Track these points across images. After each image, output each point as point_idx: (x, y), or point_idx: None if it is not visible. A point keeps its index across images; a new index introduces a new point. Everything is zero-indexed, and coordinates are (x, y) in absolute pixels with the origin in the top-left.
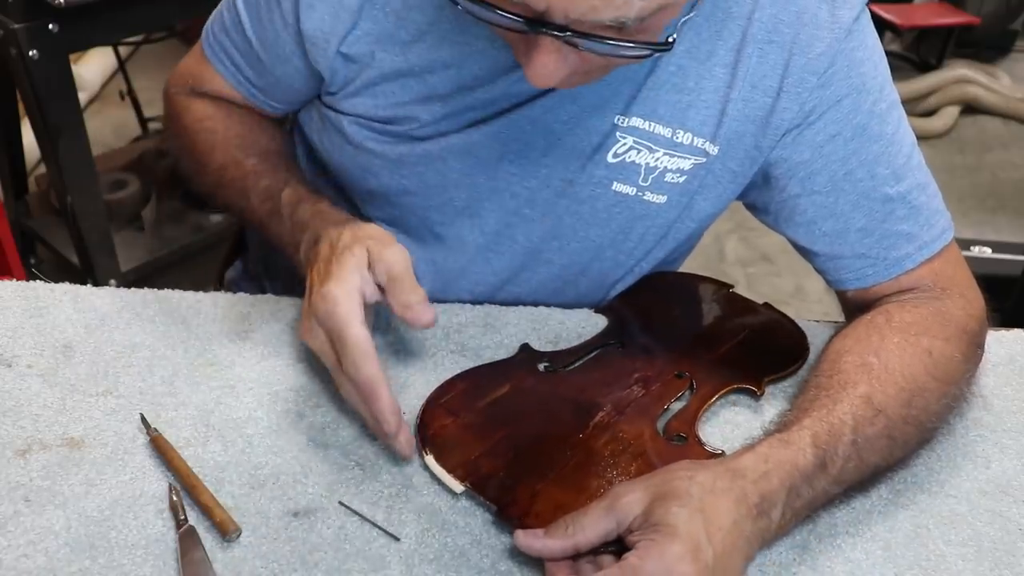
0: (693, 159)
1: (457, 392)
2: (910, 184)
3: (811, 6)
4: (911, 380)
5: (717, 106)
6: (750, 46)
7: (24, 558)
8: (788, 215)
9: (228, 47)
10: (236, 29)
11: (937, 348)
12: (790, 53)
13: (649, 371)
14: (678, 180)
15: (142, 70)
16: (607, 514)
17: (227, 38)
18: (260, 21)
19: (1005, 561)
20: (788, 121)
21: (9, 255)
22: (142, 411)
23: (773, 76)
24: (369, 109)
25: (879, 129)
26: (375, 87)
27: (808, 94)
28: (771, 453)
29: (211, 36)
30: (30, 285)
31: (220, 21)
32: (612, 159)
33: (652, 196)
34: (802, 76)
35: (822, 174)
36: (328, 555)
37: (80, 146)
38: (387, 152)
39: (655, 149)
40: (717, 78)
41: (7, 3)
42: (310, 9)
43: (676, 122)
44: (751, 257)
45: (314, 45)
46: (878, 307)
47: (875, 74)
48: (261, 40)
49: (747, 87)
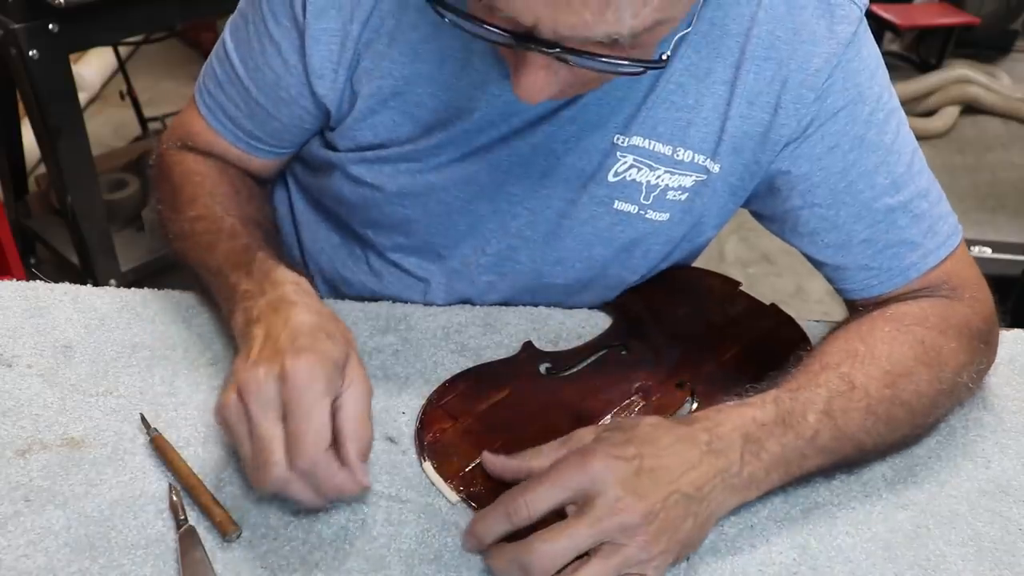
0: (694, 176)
1: (458, 393)
2: (911, 192)
3: (809, 22)
4: (897, 364)
5: (716, 123)
6: (748, 63)
7: (24, 558)
8: (792, 226)
9: (223, 102)
10: (231, 81)
11: (930, 338)
12: (787, 69)
13: (650, 380)
14: (680, 197)
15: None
16: (561, 445)
17: (222, 92)
18: (258, 69)
19: (1005, 561)
20: (786, 136)
21: (9, 255)
22: (142, 411)
23: (770, 92)
24: (367, 138)
25: (877, 139)
26: (374, 116)
27: (805, 109)
28: (724, 408)
29: (205, 92)
30: (30, 285)
31: (213, 76)
32: (613, 178)
33: (654, 214)
34: (800, 92)
35: (822, 187)
36: (328, 555)
37: (80, 146)
38: (387, 185)
39: (656, 167)
40: (716, 95)
41: (7, 3)
42: (316, 43)
43: (676, 140)
44: (751, 257)
45: (321, 78)
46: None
47: (872, 83)
48: (260, 87)
49: (744, 104)
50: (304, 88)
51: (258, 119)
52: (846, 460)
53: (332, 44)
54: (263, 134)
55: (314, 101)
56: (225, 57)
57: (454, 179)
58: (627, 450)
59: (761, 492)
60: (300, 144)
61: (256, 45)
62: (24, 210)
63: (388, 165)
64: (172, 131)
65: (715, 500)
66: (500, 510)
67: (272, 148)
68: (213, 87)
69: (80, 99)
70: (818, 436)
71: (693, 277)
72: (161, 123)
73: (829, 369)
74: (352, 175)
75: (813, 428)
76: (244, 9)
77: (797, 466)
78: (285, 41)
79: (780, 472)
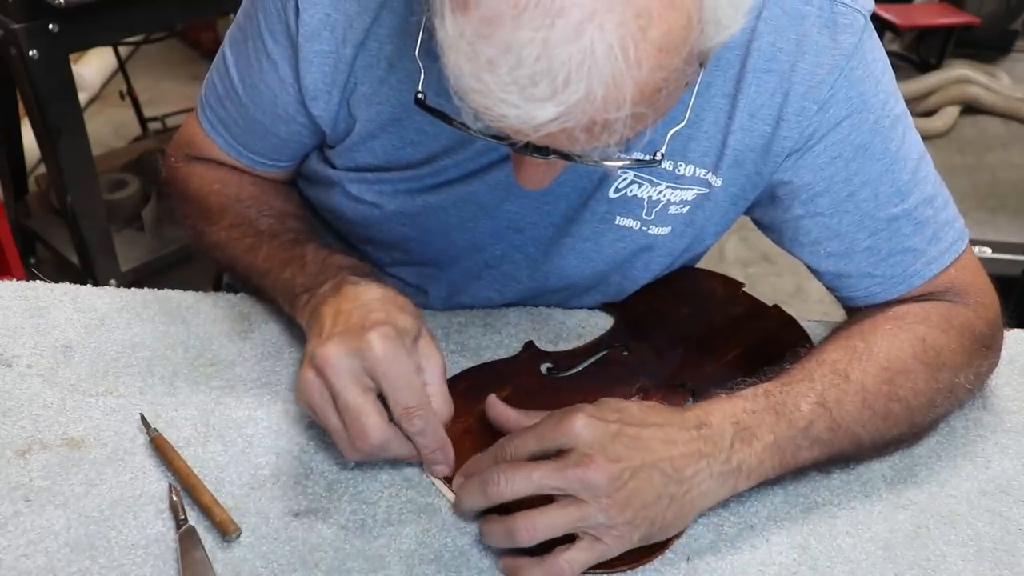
0: (696, 190)
1: (458, 393)
2: (916, 200)
3: (811, 33)
4: (895, 361)
5: (718, 137)
6: (749, 75)
7: (24, 558)
8: (793, 235)
9: (224, 117)
10: (231, 97)
11: (931, 337)
12: (790, 81)
13: (651, 380)
14: (682, 211)
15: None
16: (553, 413)
17: (222, 108)
18: (255, 86)
19: (1005, 561)
20: (788, 147)
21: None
22: (142, 411)
23: (772, 105)
24: (367, 160)
25: (882, 147)
26: (373, 139)
27: (808, 121)
28: (714, 399)
29: (207, 107)
30: (30, 285)
31: (214, 91)
32: (614, 194)
33: (656, 229)
34: (802, 104)
35: (825, 196)
36: (328, 555)
37: (80, 146)
38: (386, 204)
39: (657, 182)
40: (717, 109)
41: (7, 3)
42: (309, 64)
43: (677, 155)
44: (751, 257)
45: (315, 100)
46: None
47: (876, 91)
48: (257, 104)
49: (746, 116)
50: (300, 107)
51: (257, 134)
52: (843, 455)
53: (325, 66)
54: (263, 148)
55: (310, 119)
56: (225, 72)
57: (454, 198)
58: (609, 415)
59: (753, 481)
60: (300, 157)
61: (254, 63)
62: (24, 210)
63: (387, 185)
64: (176, 145)
65: (700, 486)
66: (489, 453)
67: (274, 162)
68: (214, 101)
69: (80, 99)
70: (812, 426)
71: (695, 278)
72: (161, 123)
73: (825, 365)
74: (351, 193)
75: (807, 418)
76: (243, 24)
77: (792, 455)
78: (281, 60)
79: (774, 461)
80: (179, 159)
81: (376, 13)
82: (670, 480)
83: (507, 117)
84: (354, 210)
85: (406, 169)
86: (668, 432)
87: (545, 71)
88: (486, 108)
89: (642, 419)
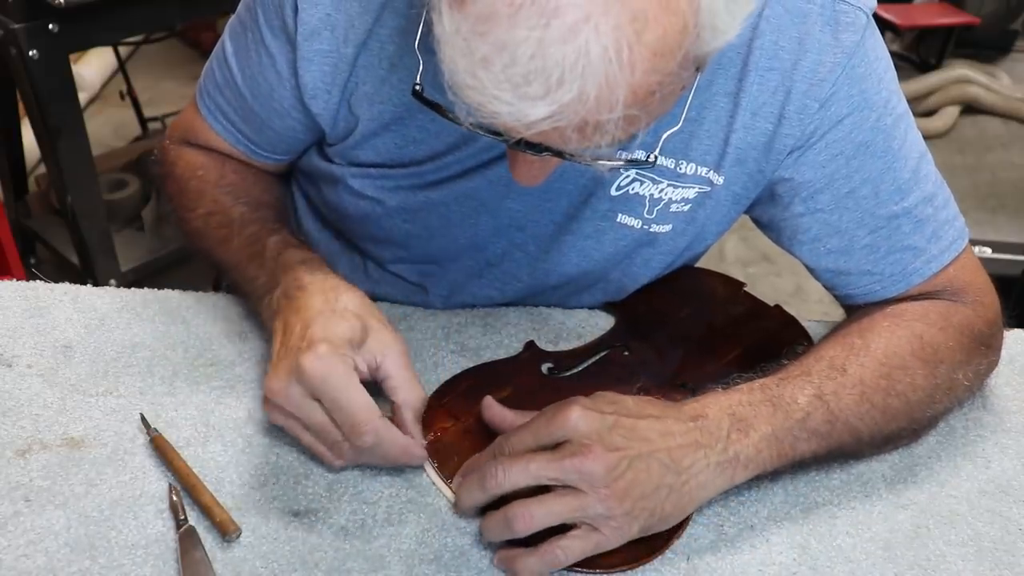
0: (698, 188)
1: (459, 393)
2: (916, 198)
3: (813, 31)
4: (893, 357)
5: (720, 135)
6: (751, 74)
7: (24, 558)
8: (792, 233)
9: (222, 104)
10: (229, 86)
11: (929, 334)
12: (791, 80)
13: (652, 380)
14: (683, 209)
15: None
16: (549, 407)
17: (221, 96)
18: (253, 77)
19: (1005, 561)
20: (790, 145)
21: (9, 255)
22: (142, 411)
23: (774, 103)
24: (370, 158)
25: (884, 145)
26: (375, 138)
27: (809, 118)
28: (710, 393)
29: (205, 94)
30: (30, 285)
31: (213, 78)
32: (615, 192)
33: (657, 227)
34: (804, 103)
35: (825, 193)
36: (328, 555)
37: (80, 146)
38: (387, 200)
39: (659, 180)
40: (719, 107)
41: (7, 3)
42: (308, 63)
43: (679, 153)
44: (751, 257)
45: (314, 98)
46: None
47: (878, 89)
48: (255, 95)
49: (748, 115)
50: (297, 102)
51: (254, 125)
52: (843, 449)
53: (325, 66)
54: (259, 140)
55: (307, 115)
56: (224, 61)
57: (455, 194)
58: (605, 407)
59: (751, 472)
60: (298, 152)
61: (253, 55)
62: (24, 210)
63: (389, 180)
64: (175, 128)
65: (698, 477)
66: (487, 451)
67: (269, 154)
68: (212, 89)
69: (80, 99)
70: (809, 418)
71: (696, 278)
72: (161, 123)
73: (822, 360)
74: (353, 188)
75: (804, 410)
76: (243, 16)
77: (790, 446)
78: (279, 55)
79: (772, 452)
80: (174, 140)
81: (378, 13)
82: (668, 470)
83: (500, 114)
84: (355, 206)
85: (408, 166)
86: (665, 423)
87: (539, 70)
88: (479, 104)
89: (638, 411)
